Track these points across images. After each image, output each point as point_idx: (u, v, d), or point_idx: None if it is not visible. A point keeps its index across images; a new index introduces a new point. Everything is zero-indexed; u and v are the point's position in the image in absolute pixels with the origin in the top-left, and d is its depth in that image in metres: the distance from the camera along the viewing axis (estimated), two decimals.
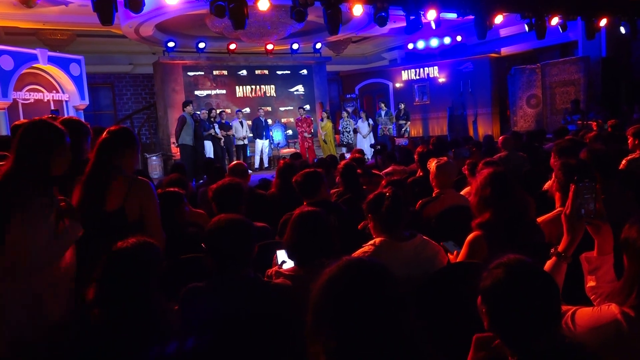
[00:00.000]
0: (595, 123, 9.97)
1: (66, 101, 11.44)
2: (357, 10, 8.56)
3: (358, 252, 2.36)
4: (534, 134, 7.10)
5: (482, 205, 2.46)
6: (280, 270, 2.19)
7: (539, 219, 2.71)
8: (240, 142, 12.18)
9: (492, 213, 2.42)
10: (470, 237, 2.47)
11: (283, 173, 4.51)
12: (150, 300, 1.61)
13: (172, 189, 3.06)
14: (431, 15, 9.12)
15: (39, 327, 2.00)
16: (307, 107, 14.30)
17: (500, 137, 5.64)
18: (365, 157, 8.94)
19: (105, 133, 2.72)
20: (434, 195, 3.67)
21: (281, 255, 2.42)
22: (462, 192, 3.97)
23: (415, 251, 2.36)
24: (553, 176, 2.95)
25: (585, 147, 3.36)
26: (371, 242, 2.44)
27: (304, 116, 13.37)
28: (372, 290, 1.06)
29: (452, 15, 10.40)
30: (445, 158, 3.68)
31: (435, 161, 3.61)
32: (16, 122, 3.59)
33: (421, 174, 4.84)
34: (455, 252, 2.76)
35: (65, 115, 7.97)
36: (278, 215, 3.71)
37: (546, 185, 4.15)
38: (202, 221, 3.93)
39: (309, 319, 1.08)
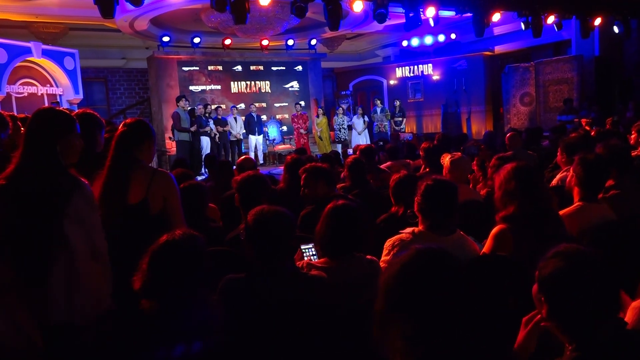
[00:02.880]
0: (585, 121, 10.09)
1: (60, 95, 11.31)
2: (358, 6, 8.56)
3: (396, 238, 2.36)
4: (533, 131, 7.15)
5: (507, 199, 2.47)
6: (312, 262, 2.19)
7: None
8: (234, 138, 12.13)
9: (517, 206, 2.43)
10: (495, 230, 2.48)
11: (291, 168, 4.50)
12: (197, 290, 1.60)
13: (194, 182, 3.03)
14: (430, 12, 9.14)
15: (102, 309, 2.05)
16: (302, 103, 14.29)
17: (507, 135, 5.67)
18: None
19: (122, 126, 2.69)
20: None
21: (306, 249, 2.42)
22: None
23: (452, 247, 2.36)
24: (571, 171, 2.98)
25: (600, 143, 3.40)
26: (410, 230, 2.43)
27: (300, 112, 13.34)
28: (443, 276, 1.08)
29: (450, 13, 10.44)
30: (459, 153, 3.70)
31: (449, 156, 3.63)
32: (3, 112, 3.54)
33: (427, 169, 4.85)
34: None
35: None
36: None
37: (554, 181, 4.20)
38: (214, 215, 3.92)
39: (380, 305, 1.10)
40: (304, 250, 2.45)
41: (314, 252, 2.38)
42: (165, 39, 12.54)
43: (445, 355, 0.99)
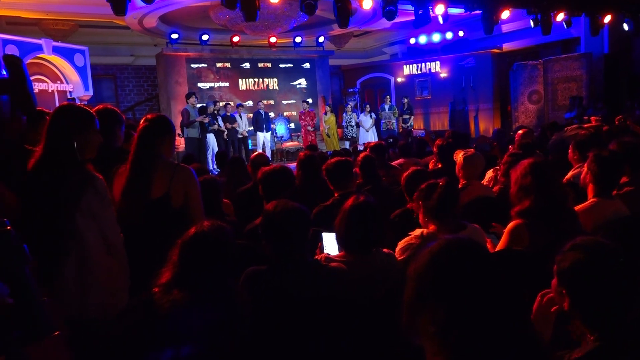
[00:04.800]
0: (594, 119, 10.06)
1: (70, 92, 11.38)
2: (367, 3, 8.58)
3: (406, 240, 2.40)
4: (550, 127, 7.13)
5: (523, 194, 2.50)
6: (330, 256, 2.23)
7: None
8: (240, 136, 12.17)
9: (532, 201, 2.46)
10: (510, 225, 2.51)
11: (304, 165, 4.53)
12: (227, 281, 1.65)
13: (209, 177, 3.08)
14: (439, 9, 9.14)
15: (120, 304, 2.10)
16: (310, 100, 14.32)
17: (519, 132, 5.69)
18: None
19: (143, 121, 2.73)
20: (460, 186, 3.71)
21: (327, 242, 2.46)
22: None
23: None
24: (585, 167, 3.00)
25: (614, 139, 3.41)
26: (417, 233, 2.47)
27: (307, 110, 13.37)
28: (472, 264, 1.12)
29: (459, 10, 10.43)
30: (472, 150, 3.72)
31: (462, 153, 3.65)
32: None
33: (440, 166, 4.88)
34: (489, 241, 2.81)
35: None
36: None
37: (566, 178, 4.21)
38: (227, 210, 3.96)
39: (411, 293, 1.14)
40: (324, 239, 2.49)
41: (333, 242, 2.41)
42: (174, 36, 12.59)
43: (478, 338, 1.04)
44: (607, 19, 10.57)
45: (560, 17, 10.15)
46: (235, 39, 13.37)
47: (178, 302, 1.53)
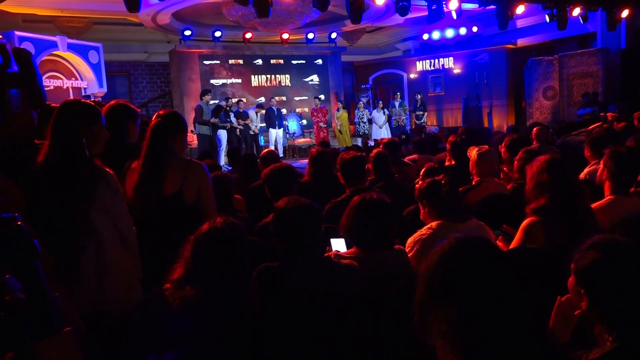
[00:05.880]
0: (611, 115, 9.90)
1: (85, 88, 11.49)
2: None
3: (415, 236, 2.38)
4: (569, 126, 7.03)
5: (539, 191, 2.46)
6: (340, 253, 2.22)
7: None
8: (252, 132, 12.18)
9: (548, 199, 2.42)
10: (525, 222, 2.47)
11: (316, 161, 4.51)
12: (239, 277, 1.64)
13: (219, 173, 3.08)
14: (453, 4, 9.07)
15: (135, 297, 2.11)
16: (322, 97, 14.29)
17: (534, 129, 5.61)
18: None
19: (156, 117, 2.73)
20: (473, 183, 3.67)
21: (335, 246, 2.45)
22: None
23: (472, 232, 2.37)
24: (601, 164, 2.95)
25: (632, 136, 3.35)
26: (427, 225, 2.45)
27: (319, 106, 13.35)
28: (483, 262, 1.11)
29: (473, 5, 10.33)
30: (486, 146, 3.68)
31: (476, 149, 3.61)
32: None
33: (453, 162, 4.83)
34: (500, 238, 2.78)
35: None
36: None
37: (581, 175, 4.15)
38: (240, 206, 3.96)
39: (422, 292, 1.14)
40: (333, 245, 2.48)
41: (342, 246, 2.40)
42: (187, 32, 12.64)
43: (490, 337, 1.02)
44: (625, 13, 10.40)
45: (576, 11, 10.01)
46: (248, 35, 13.40)
47: (190, 298, 1.53)
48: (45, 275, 1.13)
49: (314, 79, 15.33)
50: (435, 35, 15.45)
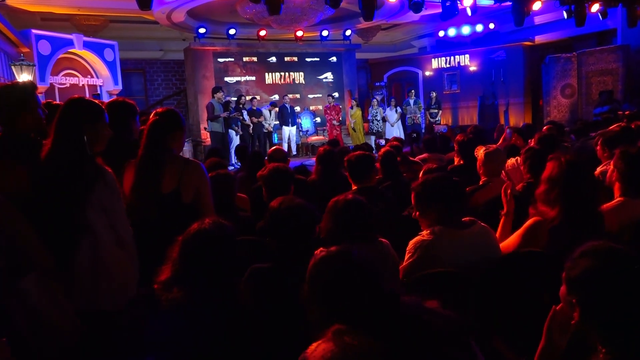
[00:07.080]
0: (628, 113, 9.68)
1: (100, 86, 11.61)
2: None
3: (417, 240, 2.33)
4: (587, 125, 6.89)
5: (550, 192, 2.39)
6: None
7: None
8: (265, 130, 12.18)
9: (560, 202, 2.35)
10: (529, 222, 2.41)
11: (324, 160, 4.49)
12: (228, 279, 1.62)
13: (222, 172, 3.06)
14: (467, 1, 8.95)
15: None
16: (336, 94, 14.23)
17: (544, 127, 5.50)
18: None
19: (153, 115, 2.71)
20: (481, 183, 3.61)
21: None
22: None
23: (475, 239, 2.31)
24: (611, 165, 2.86)
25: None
26: (429, 229, 2.39)
27: (332, 104, 13.30)
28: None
29: (489, 2, 10.18)
30: (494, 146, 3.61)
31: (483, 149, 3.54)
32: (49, 100, 3.59)
33: (461, 162, 4.76)
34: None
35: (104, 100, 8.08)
36: (319, 202, 3.70)
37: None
38: (245, 205, 3.95)
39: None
40: None
41: None
42: (202, 30, 12.68)
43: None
44: None
45: (595, 7, 9.81)
46: (262, 33, 13.40)
47: (177, 300, 1.51)
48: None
49: (328, 76, 15.27)
50: (451, 32, 15.26)
